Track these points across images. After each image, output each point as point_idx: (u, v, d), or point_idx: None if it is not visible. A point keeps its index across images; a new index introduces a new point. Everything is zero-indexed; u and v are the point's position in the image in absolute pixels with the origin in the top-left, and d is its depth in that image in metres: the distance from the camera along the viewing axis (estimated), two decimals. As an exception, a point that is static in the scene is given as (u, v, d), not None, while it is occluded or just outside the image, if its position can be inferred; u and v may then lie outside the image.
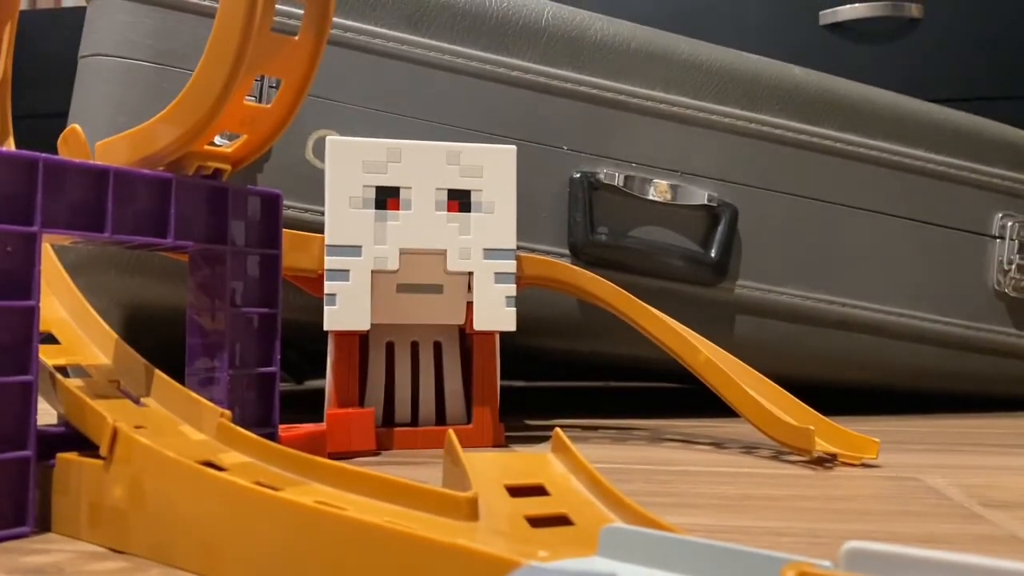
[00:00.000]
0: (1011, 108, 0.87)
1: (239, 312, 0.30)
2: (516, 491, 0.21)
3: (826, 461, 0.38)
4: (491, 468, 0.23)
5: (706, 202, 0.52)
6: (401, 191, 0.39)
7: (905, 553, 0.14)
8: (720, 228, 0.52)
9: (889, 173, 0.57)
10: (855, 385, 0.58)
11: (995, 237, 0.59)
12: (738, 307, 0.53)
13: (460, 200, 0.40)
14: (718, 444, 0.43)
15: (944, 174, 0.58)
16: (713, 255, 0.52)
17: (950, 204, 0.58)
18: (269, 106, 0.28)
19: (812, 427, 0.37)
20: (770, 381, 0.42)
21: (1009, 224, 0.58)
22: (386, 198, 0.39)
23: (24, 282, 0.24)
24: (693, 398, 0.63)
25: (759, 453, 0.40)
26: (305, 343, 0.53)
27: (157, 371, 0.28)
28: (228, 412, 0.25)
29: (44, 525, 0.24)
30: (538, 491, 0.21)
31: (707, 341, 0.42)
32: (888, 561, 0.14)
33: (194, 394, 0.26)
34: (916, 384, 0.59)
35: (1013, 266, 0.58)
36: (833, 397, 0.52)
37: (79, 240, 0.27)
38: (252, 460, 0.23)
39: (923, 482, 0.33)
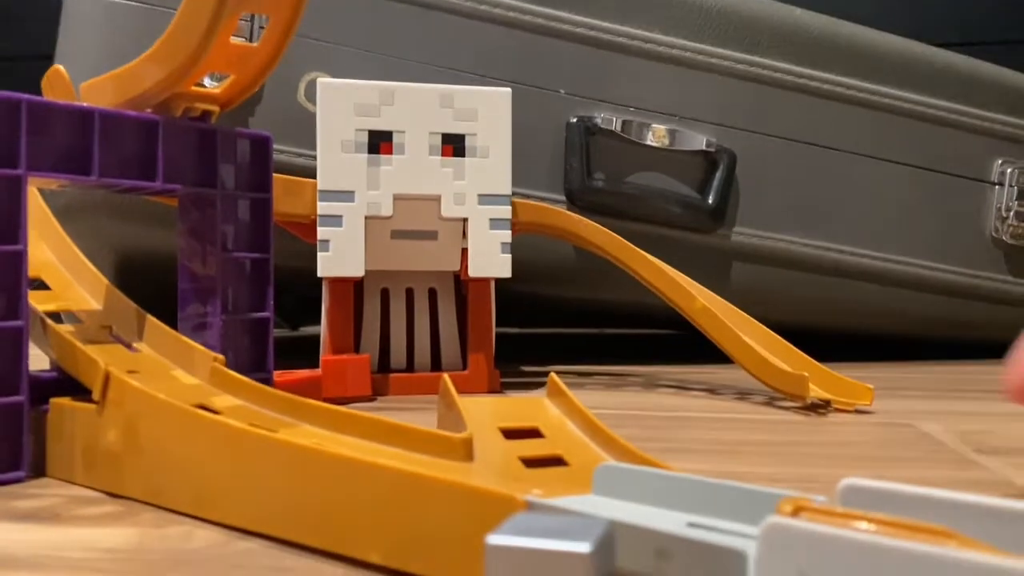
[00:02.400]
0: (1010, 53, 0.86)
1: (230, 257, 0.30)
2: (511, 433, 0.21)
3: (820, 407, 0.38)
4: (486, 412, 0.22)
5: (704, 147, 0.51)
6: (394, 135, 0.38)
7: (902, 491, 0.14)
8: (718, 174, 0.51)
9: (889, 118, 0.56)
10: (850, 332, 0.58)
11: (994, 183, 0.58)
12: (735, 254, 0.53)
13: (454, 144, 0.39)
14: (712, 390, 0.43)
15: (944, 119, 0.57)
16: (710, 201, 0.51)
17: (949, 150, 0.57)
18: (256, 45, 0.27)
19: (806, 373, 0.37)
20: (765, 327, 0.42)
21: (1008, 171, 0.58)
22: (379, 142, 0.38)
23: (10, 226, 0.24)
24: (688, 345, 0.63)
25: (753, 399, 0.40)
26: (301, 289, 0.53)
27: (149, 316, 0.28)
28: (221, 356, 0.25)
29: (39, 470, 0.24)
30: (533, 434, 0.21)
31: (703, 288, 0.42)
32: (885, 498, 0.14)
33: (187, 339, 0.26)
34: (912, 331, 0.59)
35: (1011, 213, 0.58)
36: (828, 343, 0.52)
37: (66, 184, 0.26)
38: (246, 403, 0.23)
39: (917, 428, 0.33)
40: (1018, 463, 0.26)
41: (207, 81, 0.40)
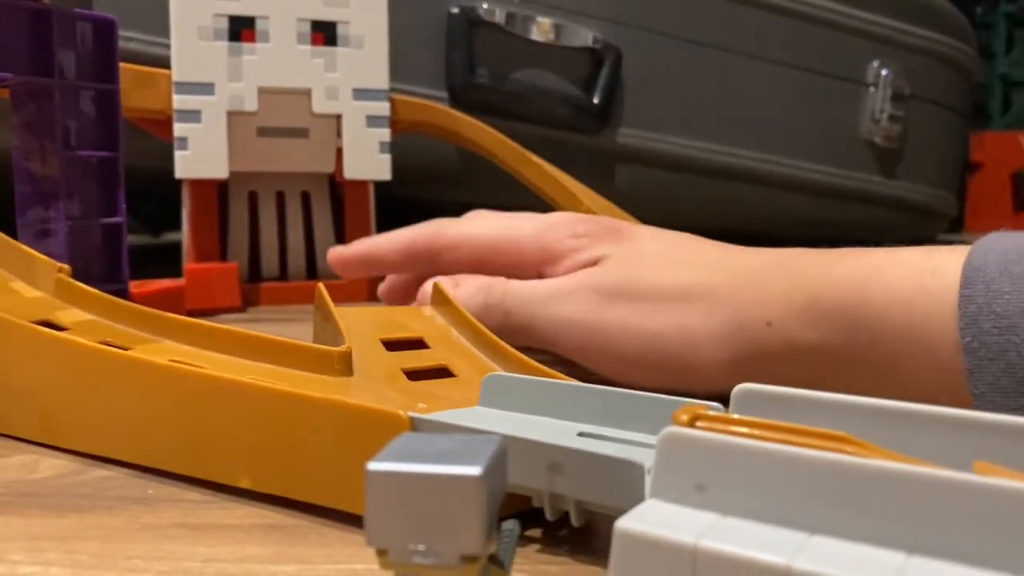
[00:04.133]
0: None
1: (74, 155, 0.26)
2: (393, 345, 0.20)
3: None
4: (366, 322, 0.21)
5: (590, 43, 0.50)
6: (257, 21, 0.35)
7: (796, 395, 0.14)
8: (604, 71, 0.50)
9: (773, 17, 0.56)
10: (734, 233, 0.59)
11: (869, 85, 0.59)
12: (620, 155, 0.53)
13: (325, 33, 0.36)
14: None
15: (826, 20, 0.57)
16: (596, 100, 0.50)
17: (830, 51, 0.58)
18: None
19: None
20: (650, 229, 0.41)
21: (883, 73, 0.59)
22: (240, 29, 0.35)
23: None
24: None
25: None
26: (162, 192, 0.49)
27: (-19, 223, 0.25)
28: (67, 267, 0.22)
29: None
30: (417, 344, 0.20)
31: (589, 190, 0.42)
32: (779, 403, 0.14)
33: (27, 248, 0.23)
34: (787, 231, 0.61)
35: (884, 115, 0.59)
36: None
37: None
38: (96, 318, 0.21)
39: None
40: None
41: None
